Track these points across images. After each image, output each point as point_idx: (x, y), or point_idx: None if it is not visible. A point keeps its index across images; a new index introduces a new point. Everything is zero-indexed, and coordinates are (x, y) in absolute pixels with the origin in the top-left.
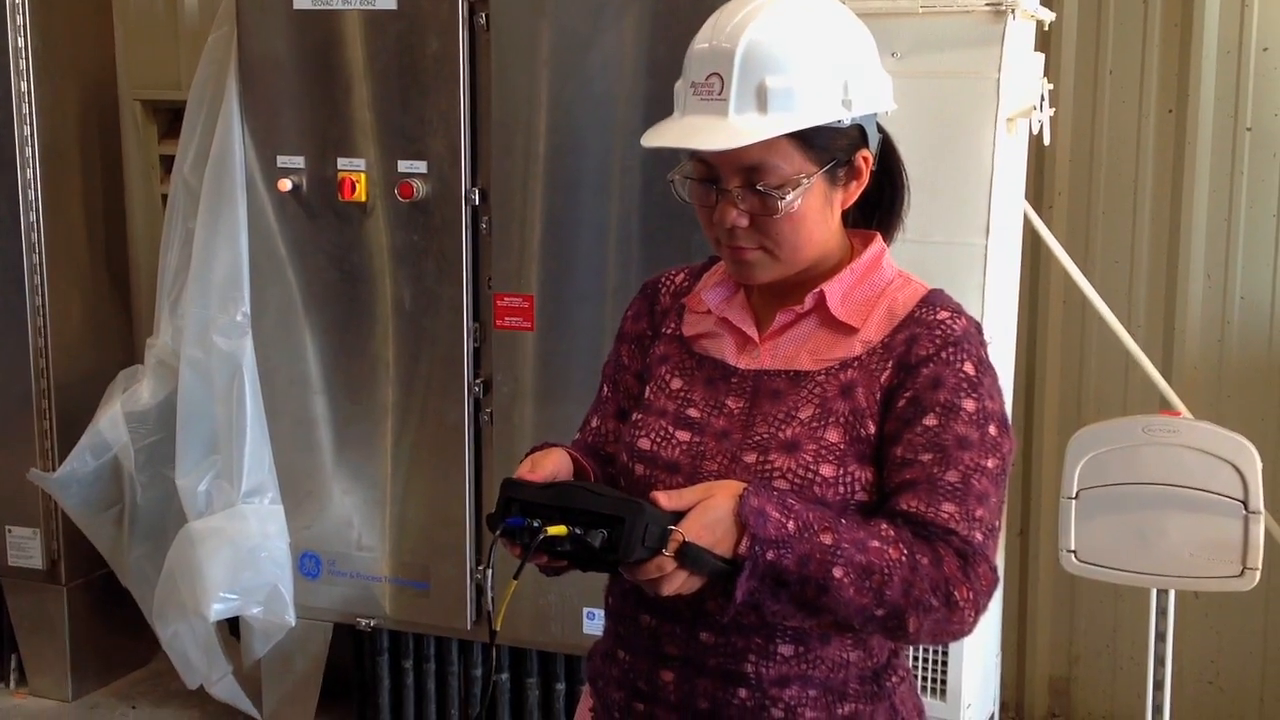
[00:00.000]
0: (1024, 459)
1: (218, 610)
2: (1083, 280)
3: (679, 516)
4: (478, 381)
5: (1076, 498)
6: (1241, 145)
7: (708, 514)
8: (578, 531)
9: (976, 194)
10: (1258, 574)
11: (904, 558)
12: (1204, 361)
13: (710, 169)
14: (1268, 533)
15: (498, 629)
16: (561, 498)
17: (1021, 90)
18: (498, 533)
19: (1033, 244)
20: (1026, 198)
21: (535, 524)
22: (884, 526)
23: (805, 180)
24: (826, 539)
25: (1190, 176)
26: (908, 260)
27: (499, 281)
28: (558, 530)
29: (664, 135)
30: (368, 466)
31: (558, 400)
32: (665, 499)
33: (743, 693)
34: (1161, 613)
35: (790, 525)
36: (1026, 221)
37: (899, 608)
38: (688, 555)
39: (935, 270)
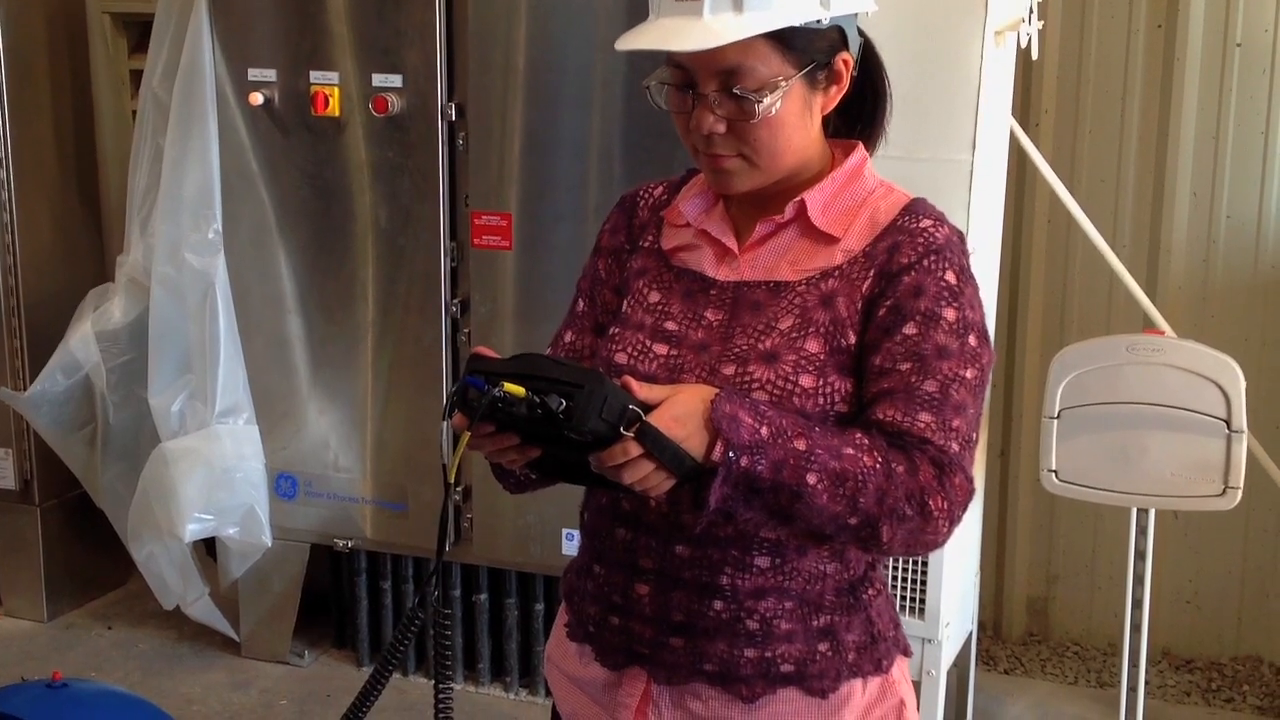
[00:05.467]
0: (1006, 378)
1: (192, 531)
2: (1068, 198)
3: (649, 409)
4: (455, 301)
5: (1058, 417)
6: (1231, 62)
7: (677, 407)
8: (536, 398)
9: (963, 109)
10: (1239, 493)
11: (878, 465)
12: (1189, 280)
13: (686, 74)
14: (1249, 452)
15: (452, 480)
16: (525, 366)
17: (1010, 2)
18: (453, 396)
19: (1018, 161)
20: (1013, 114)
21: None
22: (858, 435)
23: (783, 83)
24: (800, 444)
25: (1178, 93)
26: (893, 176)
27: (476, 199)
28: (515, 389)
29: (638, 38)
30: (344, 387)
31: (536, 321)
32: (636, 386)
33: (718, 605)
34: (1141, 532)
35: (763, 430)
36: (1012, 138)
37: (872, 516)
38: (648, 436)
39: (920, 187)
